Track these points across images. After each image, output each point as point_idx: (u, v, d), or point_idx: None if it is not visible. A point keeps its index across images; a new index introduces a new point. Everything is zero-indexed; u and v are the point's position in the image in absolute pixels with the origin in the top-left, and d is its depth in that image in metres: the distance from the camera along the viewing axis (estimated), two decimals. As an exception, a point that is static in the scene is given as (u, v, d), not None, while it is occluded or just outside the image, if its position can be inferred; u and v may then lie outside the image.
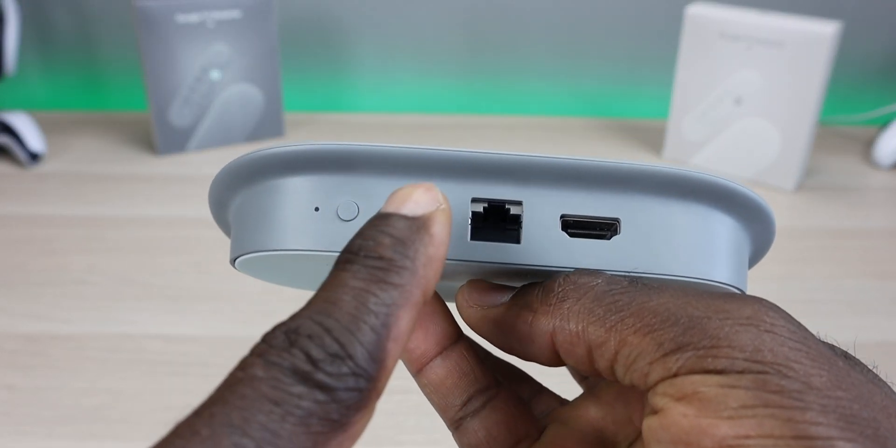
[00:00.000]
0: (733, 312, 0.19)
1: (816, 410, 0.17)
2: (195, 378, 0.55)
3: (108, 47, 0.99)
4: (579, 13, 0.98)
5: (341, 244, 0.21)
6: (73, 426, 0.51)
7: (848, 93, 1.01)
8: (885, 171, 0.89)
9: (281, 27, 0.96)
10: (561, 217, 0.22)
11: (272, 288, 0.65)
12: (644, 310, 0.19)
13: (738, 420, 0.17)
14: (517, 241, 0.22)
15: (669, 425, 0.18)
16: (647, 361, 0.19)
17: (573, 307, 0.20)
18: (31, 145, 0.84)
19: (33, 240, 0.72)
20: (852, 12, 0.94)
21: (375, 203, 0.21)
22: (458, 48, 1.01)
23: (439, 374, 0.24)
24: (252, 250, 0.22)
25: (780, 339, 0.18)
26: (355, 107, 1.04)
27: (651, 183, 0.21)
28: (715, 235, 0.22)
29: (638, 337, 0.19)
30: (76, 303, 0.63)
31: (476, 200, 0.22)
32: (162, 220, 0.75)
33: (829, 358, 0.18)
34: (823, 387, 0.17)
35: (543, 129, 0.98)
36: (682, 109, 0.87)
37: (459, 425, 0.24)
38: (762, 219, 0.23)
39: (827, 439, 0.16)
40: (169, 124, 0.87)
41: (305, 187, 0.22)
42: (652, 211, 0.22)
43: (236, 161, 0.22)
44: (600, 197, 0.22)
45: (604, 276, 0.21)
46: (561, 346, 0.21)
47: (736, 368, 0.18)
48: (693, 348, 0.18)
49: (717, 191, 0.22)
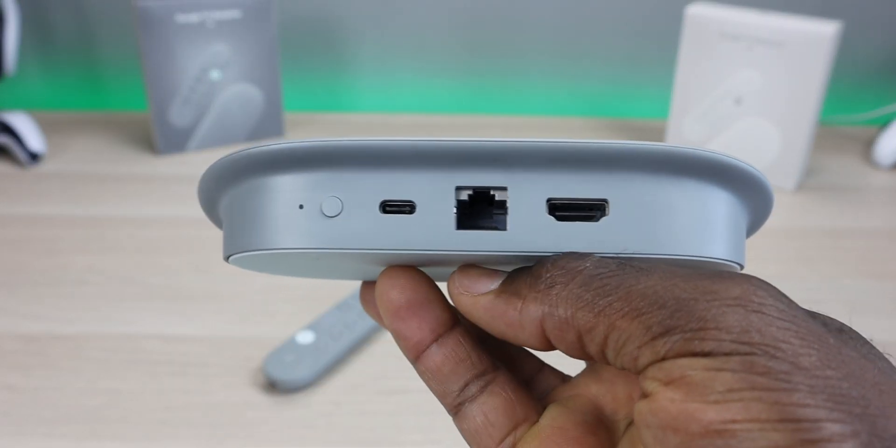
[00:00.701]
0: (721, 293, 0.18)
1: (804, 392, 0.16)
2: (195, 378, 0.55)
3: (108, 47, 0.99)
4: (579, 13, 0.98)
5: (326, 241, 0.21)
6: (73, 426, 0.51)
7: (848, 93, 1.01)
8: (885, 171, 0.89)
9: (281, 27, 0.96)
10: (547, 201, 0.21)
11: (272, 288, 0.65)
12: (632, 293, 0.19)
13: (725, 404, 0.17)
14: (504, 228, 0.21)
15: (658, 410, 0.18)
16: (636, 345, 0.19)
17: (561, 293, 0.20)
18: (31, 145, 0.84)
19: (33, 240, 0.72)
20: (852, 12, 0.94)
21: (359, 197, 0.21)
22: (458, 48, 1.01)
23: (436, 360, 0.24)
24: (242, 250, 0.23)
25: (768, 319, 0.18)
26: (355, 107, 1.04)
27: (638, 161, 0.21)
28: (708, 211, 0.22)
29: (626, 321, 0.19)
30: (76, 303, 0.63)
31: (460, 188, 0.21)
32: (162, 220, 0.75)
33: (820, 335, 0.18)
34: (812, 366, 0.17)
35: (543, 129, 0.98)
36: (682, 109, 0.87)
37: (458, 411, 0.24)
38: (757, 189, 0.22)
39: (814, 422, 0.16)
40: (169, 124, 0.87)
41: (288, 186, 0.22)
42: (641, 190, 0.21)
43: (218, 162, 0.22)
44: (587, 178, 0.21)
45: (592, 259, 0.21)
46: (551, 332, 0.21)
47: (723, 350, 0.17)
48: (681, 331, 0.18)
49: (707, 165, 0.21)
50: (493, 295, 0.22)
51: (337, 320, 0.59)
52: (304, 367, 0.54)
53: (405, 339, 0.24)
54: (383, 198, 0.21)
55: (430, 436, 0.51)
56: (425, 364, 0.24)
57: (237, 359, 0.57)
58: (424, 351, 0.24)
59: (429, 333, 0.24)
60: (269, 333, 0.59)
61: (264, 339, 0.58)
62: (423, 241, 0.21)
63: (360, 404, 0.54)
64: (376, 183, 0.21)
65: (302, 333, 0.57)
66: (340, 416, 0.53)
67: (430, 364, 0.24)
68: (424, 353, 0.24)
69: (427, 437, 0.51)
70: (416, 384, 0.29)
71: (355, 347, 0.58)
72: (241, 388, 0.54)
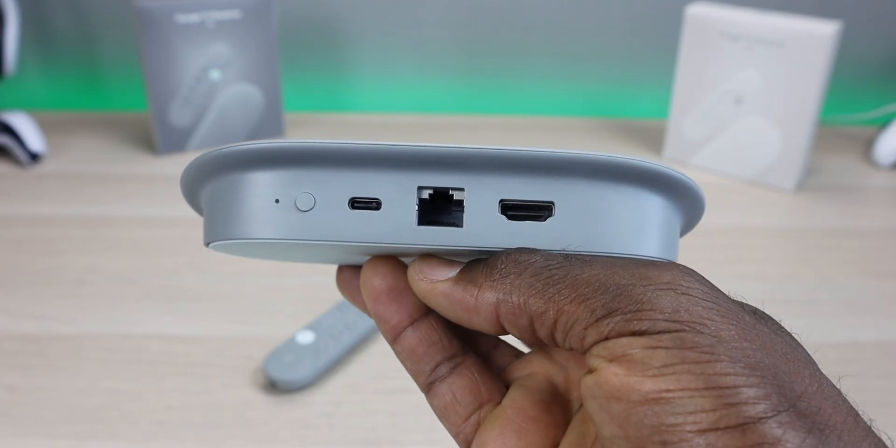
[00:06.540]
0: (654, 279, 0.21)
1: (725, 361, 0.19)
2: (195, 378, 0.55)
3: (108, 47, 0.99)
4: (579, 13, 0.98)
5: (300, 232, 0.24)
6: (73, 426, 0.51)
7: (848, 93, 1.01)
8: (885, 171, 0.89)
9: (281, 27, 0.96)
10: (500, 201, 0.23)
11: (272, 288, 0.65)
12: (578, 281, 0.22)
13: (661, 377, 0.19)
14: (461, 225, 0.23)
15: (603, 383, 0.20)
16: (582, 327, 0.21)
17: (515, 282, 0.23)
18: (31, 145, 0.84)
19: (33, 240, 0.72)
20: (852, 12, 0.94)
21: (330, 194, 0.23)
22: (458, 48, 1.01)
23: (411, 342, 0.27)
24: (221, 238, 0.25)
25: (694, 300, 0.21)
26: (355, 107, 1.04)
27: (581, 168, 0.23)
28: (643, 213, 0.24)
29: (573, 305, 0.21)
30: (76, 303, 0.63)
31: (422, 188, 0.24)
32: (162, 220, 0.75)
33: (738, 314, 0.21)
34: (731, 339, 0.20)
35: (543, 129, 0.98)
36: (682, 109, 0.87)
37: (430, 389, 0.27)
38: (687, 194, 0.25)
39: (734, 388, 0.19)
40: (169, 124, 0.88)
41: (265, 181, 0.24)
42: (583, 194, 0.23)
43: (201, 158, 0.25)
44: (535, 182, 0.23)
45: (541, 253, 0.23)
46: (505, 317, 0.23)
47: (657, 329, 0.20)
48: (621, 313, 0.21)
49: (642, 173, 0.23)
50: (452, 282, 0.24)
51: (337, 320, 0.59)
52: (304, 367, 0.54)
53: (385, 321, 0.26)
54: (352, 195, 0.23)
55: (430, 436, 0.51)
56: (401, 345, 0.27)
57: (237, 359, 0.57)
58: (401, 333, 0.27)
59: (406, 317, 0.26)
60: (269, 333, 0.59)
61: (264, 339, 0.58)
62: (388, 234, 0.23)
63: (360, 404, 0.54)
64: (346, 181, 0.23)
65: (302, 333, 0.57)
66: (340, 416, 0.53)
67: (405, 345, 0.27)
68: (401, 335, 0.27)
69: (427, 436, 0.51)
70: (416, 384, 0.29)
71: (355, 347, 0.58)
72: (241, 388, 0.54)
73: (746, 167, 0.85)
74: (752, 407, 0.19)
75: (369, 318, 0.61)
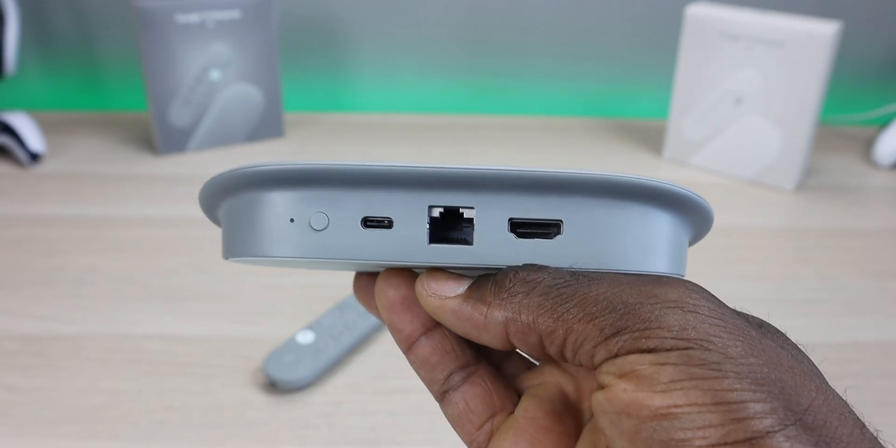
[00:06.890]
0: (661, 297, 0.22)
1: (732, 378, 0.20)
2: (195, 378, 0.55)
3: (108, 47, 0.99)
4: (579, 13, 0.98)
5: (314, 251, 0.24)
6: (73, 426, 0.51)
7: (848, 93, 1.01)
8: (885, 171, 0.89)
9: (281, 27, 0.96)
10: (509, 220, 0.24)
11: (272, 288, 0.65)
12: (586, 300, 0.22)
13: (669, 393, 0.20)
14: (471, 243, 0.24)
15: (613, 398, 0.21)
16: (591, 345, 0.22)
17: (524, 301, 0.23)
18: (31, 145, 0.84)
19: (33, 240, 0.72)
20: (852, 12, 0.94)
21: (343, 214, 0.24)
22: (458, 48, 1.01)
23: (425, 351, 0.27)
24: (239, 255, 0.26)
25: (701, 318, 0.21)
26: (355, 107, 1.04)
27: (589, 188, 0.24)
28: (651, 230, 0.24)
29: (582, 324, 0.22)
30: (76, 303, 0.63)
31: (433, 207, 0.24)
32: (162, 220, 0.75)
33: (744, 329, 0.21)
34: (738, 355, 0.20)
35: (543, 129, 0.98)
36: (682, 109, 0.87)
37: (443, 398, 0.27)
38: (696, 210, 0.25)
39: (741, 403, 0.19)
40: (169, 124, 0.88)
41: (281, 201, 0.25)
42: (591, 212, 0.24)
43: (218, 177, 0.25)
44: (544, 201, 0.24)
45: (548, 270, 0.23)
46: (514, 336, 0.23)
47: (665, 346, 0.20)
48: (629, 331, 0.21)
49: (649, 191, 0.24)
50: (461, 299, 0.25)
51: (337, 320, 0.59)
52: (304, 367, 0.54)
53: (399, 331, 0.27)
54: (365, 214, 0.24)
55: (430, 435, 0.51)
56: (415, 354, 0.27)
57: (237, 359, 0.57)
58: (415, 342, 0.27)
59: (419, 326, 0.27)
60: (269, 333, 0.59)
61: (264, 339, 0.58)
62: (400, 252, 0.24)
63: (360, 404, 0.54)
64: (359, 201, 0.24)
65: (302, 333, 0.57)
66: (340, 416, 0.53)
67: (419, 354, 0.27)
68: (415, 345, 0.27)
69: (427, 436, 0.51)
70: (416, 384, 0.29)
71: (355, 347, 0.58)
72: (241, 388, 0.54)
73: (746, 167, 0.85)
74: (759, 421, 0.19)
75: (369, 318, 0.61)
